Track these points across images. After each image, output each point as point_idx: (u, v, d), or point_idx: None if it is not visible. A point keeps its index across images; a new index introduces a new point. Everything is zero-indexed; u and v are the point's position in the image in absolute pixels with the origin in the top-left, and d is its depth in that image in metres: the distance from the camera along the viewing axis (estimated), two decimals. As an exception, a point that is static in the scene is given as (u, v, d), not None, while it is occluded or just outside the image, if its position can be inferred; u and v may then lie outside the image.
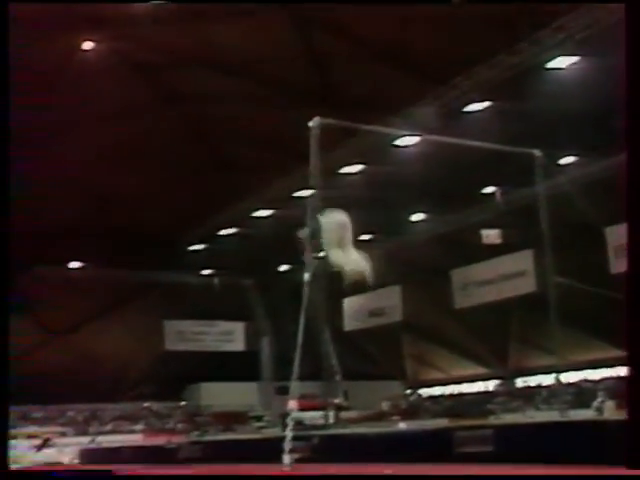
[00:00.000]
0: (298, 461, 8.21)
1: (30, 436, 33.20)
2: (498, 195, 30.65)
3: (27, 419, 38.33)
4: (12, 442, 32.12)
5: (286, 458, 7.89)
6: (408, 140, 26.06)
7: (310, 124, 11.61)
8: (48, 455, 28.45)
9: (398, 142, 26.61)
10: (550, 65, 22.35)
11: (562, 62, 22.21)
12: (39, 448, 30.28)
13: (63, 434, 34.80)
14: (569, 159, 27.16)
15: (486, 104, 24.69)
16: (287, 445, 8.05)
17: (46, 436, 32.45)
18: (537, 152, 15.26)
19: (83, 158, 30.03)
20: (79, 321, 40.26)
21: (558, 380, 18.62)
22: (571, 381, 30.36)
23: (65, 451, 27.06)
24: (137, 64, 26.26)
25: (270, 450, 8.65)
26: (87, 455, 20.73)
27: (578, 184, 19.86)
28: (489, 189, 30.90)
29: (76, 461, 21.72)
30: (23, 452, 30.31)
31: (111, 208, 33.59)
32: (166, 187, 32.40)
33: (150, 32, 24.03)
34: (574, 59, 22.06)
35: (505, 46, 21.86)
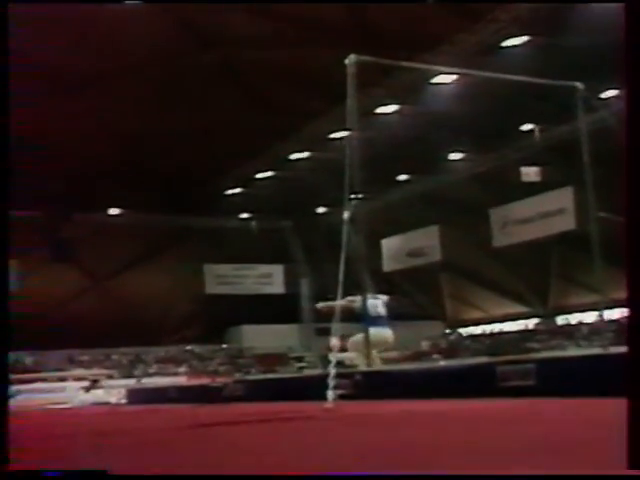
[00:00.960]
0: (341, 397, 8.31)
1: (78, 378, 34.16)
2: (537, 132, 30.19)
3: (74, 362, 39.42)
4: (62, 384, 33.38)
5: (330, 394, 7.99)
6: (445, 78, 25.65)
7: (346, 62, 11.41)
8: (96, 395, 29.28)
9: (435, 80, 26.23)
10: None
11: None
12: (88, 389, 31.17)
13: (110, 376, 35.68)
14: (611, 92, 26.45)
15: (525, 38, 24.11)
16: (331, 382, 8.14)
17: (94, 377, 33.34)
18: (579, 85, 14.87)
19: (121, 104, 30.12)
20: (121, 267, 40.92)
21: (600, 317, 18.47)
22: (613, 318, 30.13)
23: (112, 392, 27.76)
24: (171, 8, 26.03)
25: (313, 388, 8.76)
26: (134, 395, 21.22)
27: (620, 118, 19.40)
28: (528, 126, 30.42)
29: (123, 401, 22.27)
30: (73, 393, 31.31)
31: (148, 154, 33.75)
32: (203, 132, 32.40)
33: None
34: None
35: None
